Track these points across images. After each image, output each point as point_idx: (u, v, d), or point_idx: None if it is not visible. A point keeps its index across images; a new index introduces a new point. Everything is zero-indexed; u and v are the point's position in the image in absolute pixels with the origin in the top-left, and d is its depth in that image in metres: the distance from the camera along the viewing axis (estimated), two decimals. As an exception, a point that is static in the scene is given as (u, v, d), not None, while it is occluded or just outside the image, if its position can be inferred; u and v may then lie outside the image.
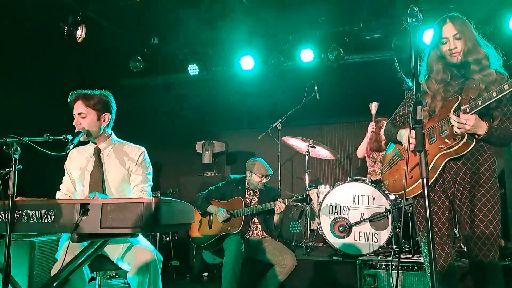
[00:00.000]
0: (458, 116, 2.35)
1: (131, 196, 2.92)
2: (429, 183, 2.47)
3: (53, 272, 2.56)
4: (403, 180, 2.55)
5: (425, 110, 2.54)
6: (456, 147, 2.39)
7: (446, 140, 2.43)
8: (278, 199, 4.13)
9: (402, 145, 2.64)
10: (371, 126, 5.28)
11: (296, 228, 4.78)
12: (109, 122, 2.97)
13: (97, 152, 2.96)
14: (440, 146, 2.45)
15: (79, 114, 2.85)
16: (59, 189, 3.07)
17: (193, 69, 6.49)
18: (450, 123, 2.41)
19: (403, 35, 5.37)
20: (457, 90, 2.49)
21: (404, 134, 2.58)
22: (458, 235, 3.90)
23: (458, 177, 2.46)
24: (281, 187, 5.39)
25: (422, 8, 2.08)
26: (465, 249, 3.81)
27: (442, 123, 2.47)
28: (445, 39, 2.44)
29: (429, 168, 2.44)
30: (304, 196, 4.21)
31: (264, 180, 4.40)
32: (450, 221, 2.53)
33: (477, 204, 2.38)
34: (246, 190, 4.47)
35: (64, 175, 3.07)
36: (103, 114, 2.92)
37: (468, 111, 2.34)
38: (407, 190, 2.51)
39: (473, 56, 2.42)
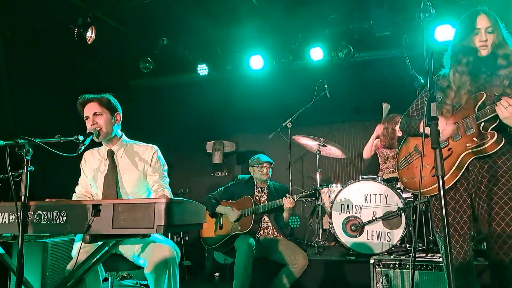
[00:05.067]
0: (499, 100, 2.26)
1: (152, 195, 2.95)
2: (452, 182, 2.44)
3: (69, 267, 2.57)
4: (424, 178, 2.52)
5: (448, 104, 2.50)
6: (485, 146, 2.35)
7: (474, 138, 2.39)
8: (287, 195, 4.11)
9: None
10: (379, 128, 5.24)
11: (295, 223, 4.72)
12: (119, 122, 3.02)
13: (111, 154, 2.98)
14: (467, 144, 2.40)
15: (95, 113, 2.88)
16: (75, 192, 3.09)
17: (202, 69, 6.50)
18: (477, 120, 2.37)
19: (413, 32, 5.33)
20: (481, 85, 2.44)
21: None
22: (473, 233, 3.85)
23: (480, 175, 2.43)
24: (291, 186, 5.36)
25: (434, 3, 2.05)
26: (481, 248, 3.78)
27: (467, 120, 2.43)
28: (477, 30, 2.40)
29: (454, 167, 2.41)
30: (313, 191, 4.16)
31: (266, 170, 4.40)
32: (471, 219, 2.50)
33: (498, 202, 2.35)
34: (255, 188, 4.47)
35: (80, 175, 3.09)
36: (115, 114, 2.98)
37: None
38: (428, 188, 2.49)
39: (502, 51, 2.39)
